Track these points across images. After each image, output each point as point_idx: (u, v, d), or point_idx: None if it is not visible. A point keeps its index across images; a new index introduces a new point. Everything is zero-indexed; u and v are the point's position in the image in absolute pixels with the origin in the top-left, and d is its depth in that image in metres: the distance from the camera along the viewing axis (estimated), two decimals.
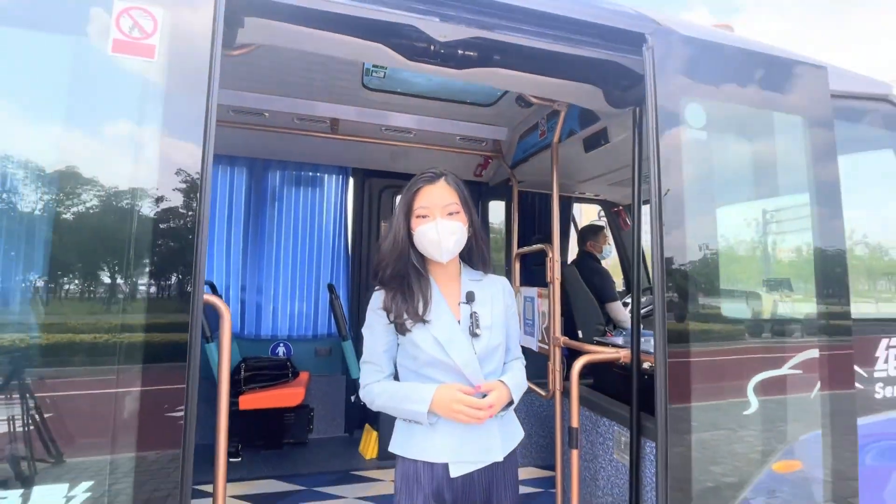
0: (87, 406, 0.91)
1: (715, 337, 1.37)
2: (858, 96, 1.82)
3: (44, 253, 0.89)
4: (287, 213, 3.20)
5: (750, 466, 1.38)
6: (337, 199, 3.28)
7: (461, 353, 1.16)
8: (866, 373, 1.64)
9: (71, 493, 0.90)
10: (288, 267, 3.19)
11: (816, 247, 1.47)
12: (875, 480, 1.59)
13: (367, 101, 2.57)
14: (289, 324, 3.17)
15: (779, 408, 1.41)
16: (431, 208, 1.17)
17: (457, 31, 1.32)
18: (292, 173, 3.20)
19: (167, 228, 0.95)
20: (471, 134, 2.87)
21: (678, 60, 1.37)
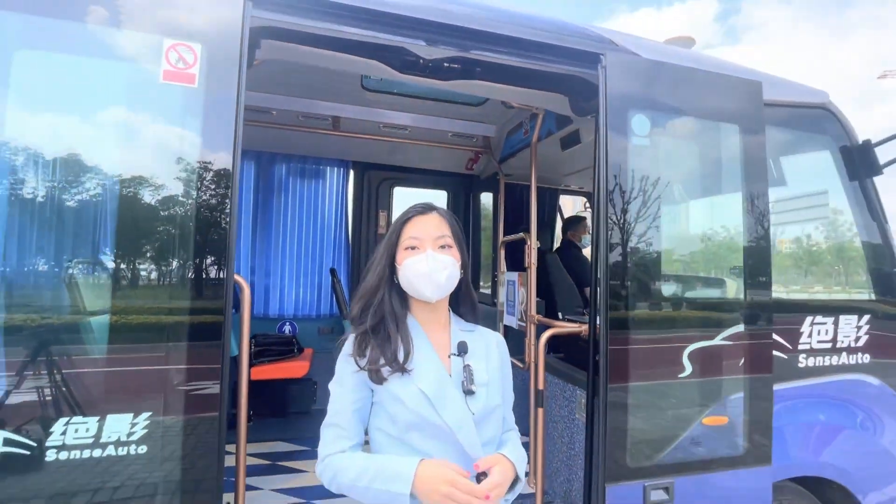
0: (146, 356, 1.18)
1: (653, 315, 1.63)
2: (799, 105, 2.07)
3: (114, 242, 1.15)
4: (292, 202, 3.46)
5: (684, 420, 1.65)
6: (338, 190, 3.54)
7: (454, 411, 0.95)
8: (791, 345, 1.91)
9: (134, 420, 1.17)
10: (293, 252, 3.46)
11: (745, 238, 1.72)
12: (794, 434, 1.87)
13: (366, 100, 2.81)
14: (294, 304, 3.46)
15: (710, 372, 1.68)
16: (422, 239, 1.03)
17: (439, 51, 1.56)
18: (297, 166, 3.45)
19: (206, 218, 1.21)
20: (462, 131, 3.11)
21: (627, 76, 1.61)
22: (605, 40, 1.66)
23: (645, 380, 1.60)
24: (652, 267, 1.61)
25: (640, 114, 1.60)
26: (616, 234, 1.54)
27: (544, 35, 1.59)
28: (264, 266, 3.39)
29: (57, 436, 1.10)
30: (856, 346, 2.02)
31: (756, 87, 1.77)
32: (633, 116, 1.59)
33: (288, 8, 1.37)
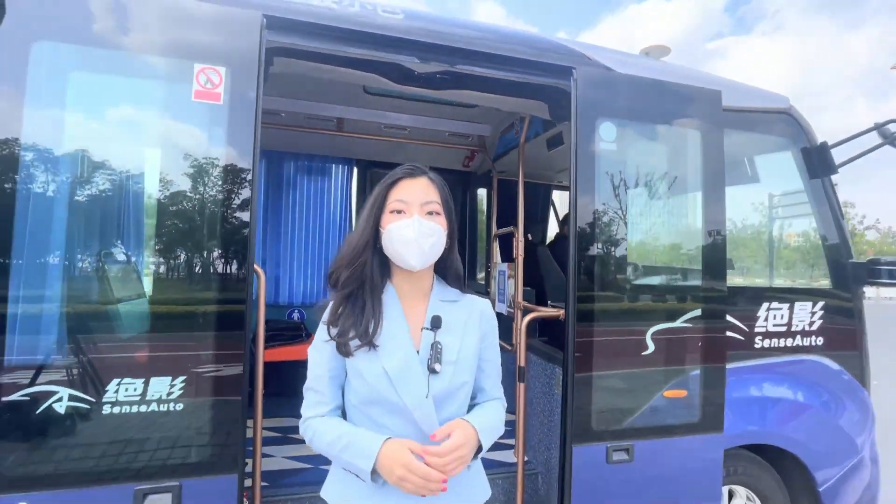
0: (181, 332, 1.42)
1: (620, 299, 1.85)
2: (765, 110, 2.26)
3: (157, 237, 1.39)
4: (300, 197, 3.69)
5: (646, 392, 1.87)
6: (342, 186, 3.77)
7: (413, 392, 0.95)
8: (748, 327, 2.13)
9: (173, 381, 1.41)
10: (301, 244, 3.70)
11: (703, 233, 1.93)
12: (750, 406, 2.08)
13: (368, 102, 3.01)
14: (302, 293, 3.70)
15: (670, 351, 1.89)
16: (409, 203, 1.00)
17: (430, 66, 1.77)
18: (304, 164, 3.68)
19: (231, 214, 1.44)
20: (458, 130, 3.31)
21: (596, 88, 1.81)
22: (577, 54, 1.86)
23: (611, 356, 1.82)
24: (620, 258, 1.83)
25: (607, 121, 1.80)
26: (588, 228, 1.75)
27: (523, 52, 1.80)
28: (274, 257, 3.64)
29: (111, 393, 1.35)
30: (810, 329, 2.23)
31: (715, 95, 1.96)
32: (601, 123, 1.80)
33: (297, 31, 1.59)
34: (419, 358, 0.99)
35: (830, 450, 2.19)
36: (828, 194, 2.32)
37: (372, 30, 1.66)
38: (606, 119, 1.81)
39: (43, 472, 1.26)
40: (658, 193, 1.90)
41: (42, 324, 1.30)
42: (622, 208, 1.83)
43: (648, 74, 1.92)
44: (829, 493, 2.17)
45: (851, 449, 2.24)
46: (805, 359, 2.22)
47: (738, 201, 2.58)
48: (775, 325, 2.17)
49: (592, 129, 1.79)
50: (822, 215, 2.32)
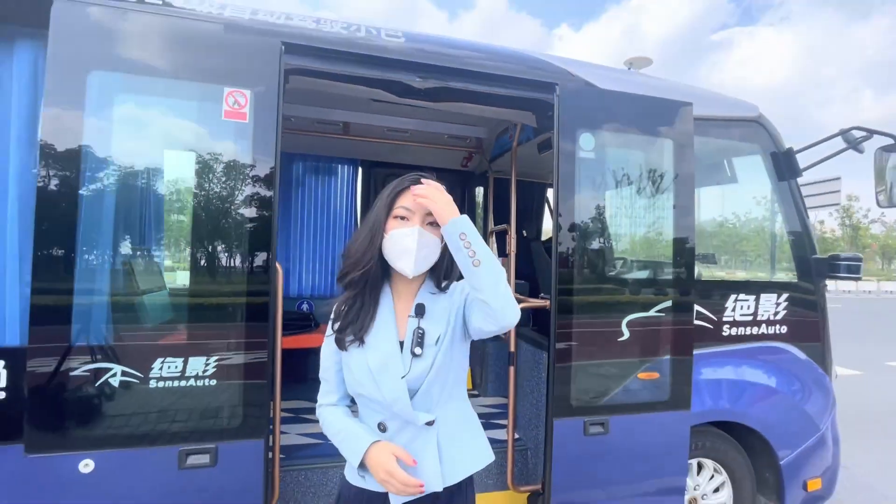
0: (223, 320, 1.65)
1: (599, 290, 2.07)
2: (737, 119, 2.46)
3: (191, 239, 1.62)
4: (308, 196, 3.92)
5: (621, 373, 2.10)
6: (348, 185, 3.99)
7: (392, 385, 1.04)
8: (717, 316, 2.34)
9: (208, 361, 1.65)
10: (309, 239, 3.94)
11: (674, 232, 2.14)
12: (707, 388, 2.31)
13: (372, 108, 3.22)
14: (311, 285, 3.95)
15: (643, 337, 2.12)
16: (413, 212, 1.08)
17: (428, 83, 1.98)
18: (312, 164, 3.90)
19: (256, 216, 1.66)
20: (457, 133, 3.52)
21: (576, 101, 2.02)
22: (561, 71, 2.07)
23: (590, 342, 2.04)
24: (599, 254, 2.05)
25: (587, 132, 2.02)
26: (569, 228, 1.98)
27: (512, 69, 2.01)
28: (285, 252, 3.87)
29: (156, 370, 1.59)
30: (774, 319, 2.45)
31: (687, 107, 2.17)
32: (581, 134, 2.01)
33: (311, 54, 1.80)
34: (404, 347, 1.08)
35: (790, 427, 2.42)
36: (794, 195, 2.53)
37: (376, 52, 1.87)
38: (586, 129, 2.02)
39: (103, 434, 1.51)
40: (633, 196, 2.12)
41: (100, 312, 1.54)
42: (600, 210, 2.05)
43: (626, 88, 2.12)
44: (789, 467, 2.40)
45: (811, 427, 2.47)
46: (769, 345, 2.44)
47: (717, 201, 2.80)
48: (742, 315, 2.39)
49: (573, 138, 2.00)
50: (788, 214, 2.53)
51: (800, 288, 2.52)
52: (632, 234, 2.19)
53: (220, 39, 1.64)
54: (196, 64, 1.61)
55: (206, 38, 1.62)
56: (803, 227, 2.54)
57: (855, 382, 6.41)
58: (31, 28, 1.49)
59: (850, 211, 56.73)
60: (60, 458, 1.46)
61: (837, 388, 4.75)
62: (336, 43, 1.84)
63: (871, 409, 5.22)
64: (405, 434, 1.08)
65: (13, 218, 1.50)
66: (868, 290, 29.45)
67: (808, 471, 2.47)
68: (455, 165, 3.98)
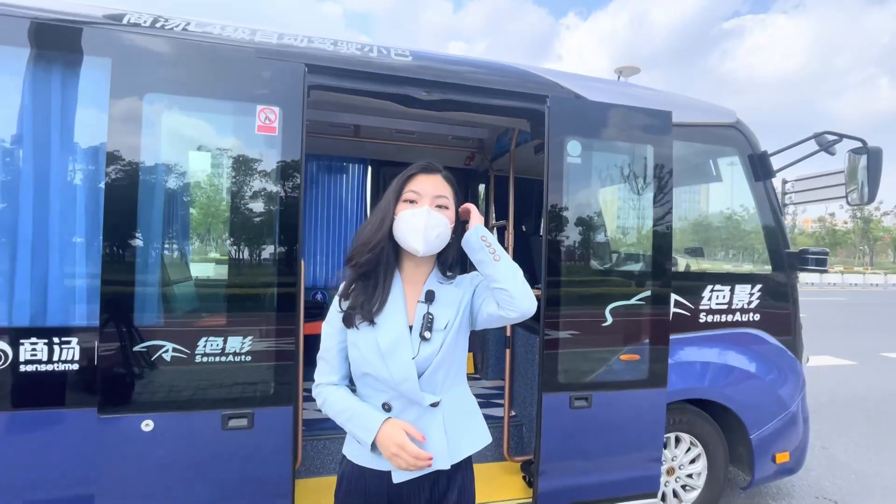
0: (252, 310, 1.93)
1: (585, 281, 2.32)
2: (716, 124, 2.68)
3: (229, 235, 1.89)
4: (322, 193, 4.20)
5: (604, 354, 2.35)
6: (358, 183, 4.26)
7: (400, 367, 1.08)
8: (694, 304, 2.59)
9: (244, 340, 1.93)
10: (322, 233, 4.22)
11: (653, 229, 2.38)
12: (684, 369, 2.56)
13: (381, 111, 3.47)
14: (323, 277, 4.23)
15: (625, 323, 2.36)
16: (422, 195, 1.12)
17: (433, 96, 2.23)
18: (325, 163, 4.17)
19: (284, 216, 1.93)
20: (460, 134, 3.76)
21: (564, 111, 2.26)
22: (551, 84, 2.31)
23: (576, 326, 2.30)
24: (584, 248, 2.30)
25: (574, 139, 2.26)
26: (558, 226, 2.22)
27: (507, 83, 2.25)
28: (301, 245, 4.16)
29: (200, 347, 1.87)
30: (748, 307, 2.68)
31: (666, 115, 2.39)
32: (569, 141, 2.25)
33: (330, 73, 2.06)
34: (413, 330, 1.11)
35: (761, 406, 2.67)
36: (769, 194, 2.75)
37: (387, 71, 2.12)
38: (573, 137, 2.26)
39: (160, 399, 1.80)
40: (616, 197, 2.36)
41: (155, 299, 1.82)
42: (587, 210, 2.30)
43: (610, 98, 2.35)
44: (759, 442, 2.65)
45: (780, 406, 2.71)
46: (743, 332, 2.68)
47: (699, 200, 3.02)
48: (717, 304, 2.63)
49: (562, 145, 2.25)
50: (764, 211, 2.75)
51: (773, 279, 2.75)
52: (615, 231, 2.43)
53: (254, 64, 1.90)
54: (234, 85, 1.87)
55: (242, 63, 1.88)
56: (777, 224, 2.77)
57: (848, 372, 6.62)
58: (100, 57, 1.76)
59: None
60: (126, 419, 1.76)
61: (829, 377, 5.10)
62: (352, 63, 2.09)
63: (858, 397, 5.44)
64: (409, 414, 1.11)
65: (84, 222, 1.78)
66: (876, 284, 29.32)
67: (777, 445, 2.72)
68: (458, 164, 4.22)
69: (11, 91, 1.72)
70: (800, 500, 3.12)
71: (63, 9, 1.79)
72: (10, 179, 1.72)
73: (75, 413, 1.76)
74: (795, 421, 2.80)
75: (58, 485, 1.76)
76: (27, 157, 1.73)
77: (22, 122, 1.73)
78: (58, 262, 1.77)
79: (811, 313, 13.62)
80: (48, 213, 1.75)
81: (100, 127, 1.75)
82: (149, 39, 1.80)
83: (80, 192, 1.78)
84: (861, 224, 58.90)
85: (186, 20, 1.96)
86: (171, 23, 1.91)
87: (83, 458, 1.75)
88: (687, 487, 2.71)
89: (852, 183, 2.70)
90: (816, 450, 3.92)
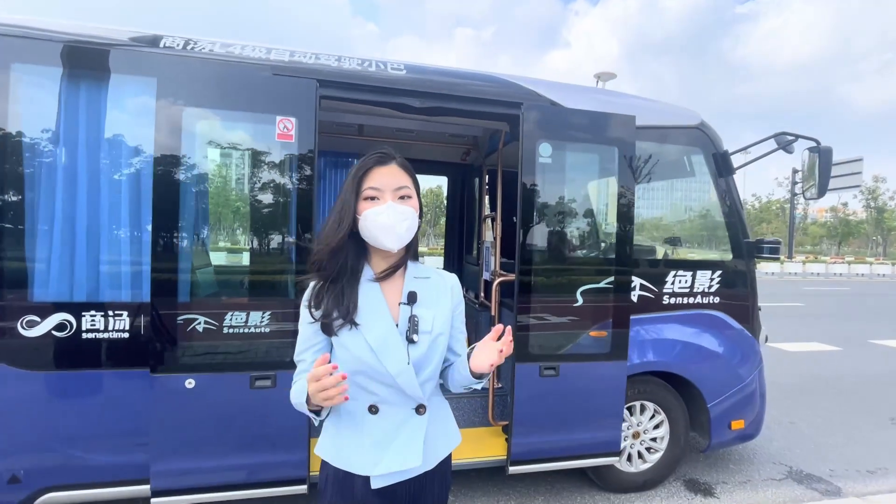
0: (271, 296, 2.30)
1: (558, 268, 2.66)
2: (682, 126, 2.98)
3: (252, 228, 2.26)
4: (327, 188, 4.55)
5: (573, 330, 2.70)
6: None
7: (395, 360, 1.07)
8: (658, 288, 2.91)
9: (263, 315, 2.30)
10: None
11: (617, 221, 2.70)
12: (648, 345, 2.90)
13: (383, 112, 3.79)
14: None
15: (594, 304, 2.70)
16: (383, 191, 1.09)
17: (426, 104, 2.56)
18: (330, 160, 4.52)
19: (301, 210, 2.28)
20: (456, 132, 4.07)
21: (538, 117, 2.57)
22: (528, 92, 2.62)
23: (548, 306, 2.64)
24: (558, 237, 2.63)
25: (545, 141, 2.58)
26: (529, 217, 2.56)
27: (489, 92, 2.58)
28: None
29: (228, 320, 2.25)
30: (709, 291, 3.01)
31: (630, 119, 2.70)
32: (540, 143, 2.57)
33: (337, 86, 2.39)
34: (398, 330, 1.09)
35: (718, 379, 3.00)
36: (730, 189, 3.05)
37: (385, 84, 2.45)
38: (544, 140, 2.58)
39: (198, 362, 2.18)
40: (584, 193, 2.68)
41: (191, 281, 2.20)
42: (557, 204, 2.62)
43: (581, 104, 2.66)
44: (716, 410, 2.99)
45: (736, 379, 3.05)
46: (704, 313, 3.00)
47: (668, 196, 3.33)
48: (680, 288, 2.96)
49: (534, 146, 2.57)
50: (725, 204, 3.05)
51: (732, 265, 3.07)
52: (584, 224, 2.76)
53: (275, 82, 2.24)
54: (257, 99, 2.21)
55: (262, 80, 2.23)
56: (737, 216, 3.07)
57: (832, 356, 6.90)
58: (145, 76, 2.11)
59: (875, 192, 54.97)
60: (173, 378, 2.15)
61: (812, 361, 5.53)
62: (355, 76, 2.42)
63: (835, 378, 5.74)
64: (396, 417, 1.10)
65: (136, 218, 2.16)
66: (882, 274, 29.19)
67: (733, 414, 3.05)
68: (456, 159, 4.54)
69: (71, 108, 2.08)
70: (758, 465, 3.47)
71: (104, 35, 2.14)
72: (80, 181, 2.10)
73: (135, 372, 2.15)
74: (751, 393, 3.13)
75: (118, 431, 2.16)
76: (82, 161, 2.10)
77: (70, 130, 2.09)
78: (114, 251, 2.15)
79: (811, 302, 13.81)
80: (106, 210, 2.13)
81: (146, 136, 2.11)
82: (186, 61, 2.16)
83: (131, 191, 2.15)
84: (875, 214, 58.00)
85: (212, 41, 2.30)
86: (199, 45, 2.25)
87: (140, 409, 2.15)
88: (651, 450, 3.07)
89: (809, 180, 2.99)
90: (784, 424, 4.26)
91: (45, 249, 2.08)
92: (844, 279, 26.37)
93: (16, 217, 2.03)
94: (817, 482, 3.25)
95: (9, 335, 2.03)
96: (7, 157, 2.01)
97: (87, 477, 2.15)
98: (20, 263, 2.05)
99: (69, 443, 2.13)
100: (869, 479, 3.31)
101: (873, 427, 4.26)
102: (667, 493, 3.04)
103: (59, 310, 2.08)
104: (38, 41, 2.03)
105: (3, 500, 2.07)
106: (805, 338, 8.13)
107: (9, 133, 2.02)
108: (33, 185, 2.06)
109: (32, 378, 2.07)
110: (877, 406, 4.84)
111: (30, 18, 2.09)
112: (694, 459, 3.47)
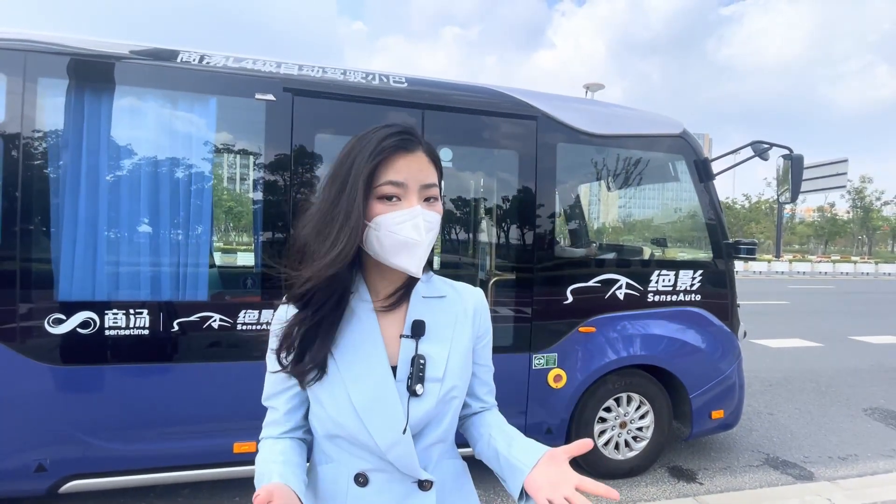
0: None
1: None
2: (667, 135, 3.17)
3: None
4: None
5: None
6: None
7: (386, 426, 0.75)
8: (643, 286, 3.11)
9: None
10: None
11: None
12: (634, 340, 3.09)
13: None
14: None
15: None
16: (408, 188, 0.74)
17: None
18: None
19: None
20: None
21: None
22: (534, 108, 2.80)
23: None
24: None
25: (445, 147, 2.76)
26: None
27: (489, 104, 2.75)
28: None
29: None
30: (690, 289, 3.20)
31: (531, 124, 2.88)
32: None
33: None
34: (397, 375, 0.79)
35: (699, 371, 3.20)
36: (710, 193, 3.25)
37: (387, 96, 2.62)
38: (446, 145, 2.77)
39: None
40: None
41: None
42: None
43: (576, 116, 2.85)
44: (697, 401, 3.19)
45: (716, 372, 3.25)
46: (685, 310, 3.20)
47: (654, 200, 3.53)
48: (663, 286, 3.15)
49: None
50: (706, 208, 3.25)
51: (712, 265, 3.27)
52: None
53: None
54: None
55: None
56: (717, 219, 3.27)
57: (813, 352, 7.17)
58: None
59: (862, 193, 55.87)
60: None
61: (792, 357, 5.76)
62: (361, 89, 2.58)
63: (814, 373, 6.00)
64: (391, 493, 0.79)
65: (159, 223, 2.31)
66: (887, 273, 30.19)
67: (713, 405, 3.26)
68: None
69: (93, 116, 2.22)
70: (737, 453, 3.69)
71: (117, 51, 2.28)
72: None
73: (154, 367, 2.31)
74: (731, 385, 3.33)
75: (149, 412, 2.31)
76: (109, 170, 2.24)
77: (90, 141, 2.23)
78: (139, 253, 2.30)
79: (795, 301, 14.18)
80: (133, 215, 2.28)
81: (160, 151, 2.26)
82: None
83: (154, 198, 2.30)
84: (861, 213, 59.12)
85: (226, 55, 2.45)
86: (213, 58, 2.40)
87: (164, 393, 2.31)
88: (637, 438, 3.26)
89: (783, 185, 3.20)
90: (764, 416, 4.48)
91: (70, 251, 2.22)
92: (829, 278, 26.98)
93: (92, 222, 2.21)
94: (792, 468, 3.47)
95: (36, 333, 2.17)
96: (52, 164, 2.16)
97: (107, 466, 2.30)
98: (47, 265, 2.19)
99: (92, 433, 2.27)
100: (840, 465, 3.53)
101: (847, 417, 4.51)
102: (652, 479, 3.24)
103: (84, 308, 2.22)
104: (52, 55, 2.17)
105: (30, 487, 2.20)
106: (788, 335, 8.42)
107: (40, 141, 2.16)
108: (80, 191, 2.19)
109: (62, 372, 2.21)
110: (852, 398, 5.09)
111: (45, 34, 2.22)
112: (677, 447, 3.68)
